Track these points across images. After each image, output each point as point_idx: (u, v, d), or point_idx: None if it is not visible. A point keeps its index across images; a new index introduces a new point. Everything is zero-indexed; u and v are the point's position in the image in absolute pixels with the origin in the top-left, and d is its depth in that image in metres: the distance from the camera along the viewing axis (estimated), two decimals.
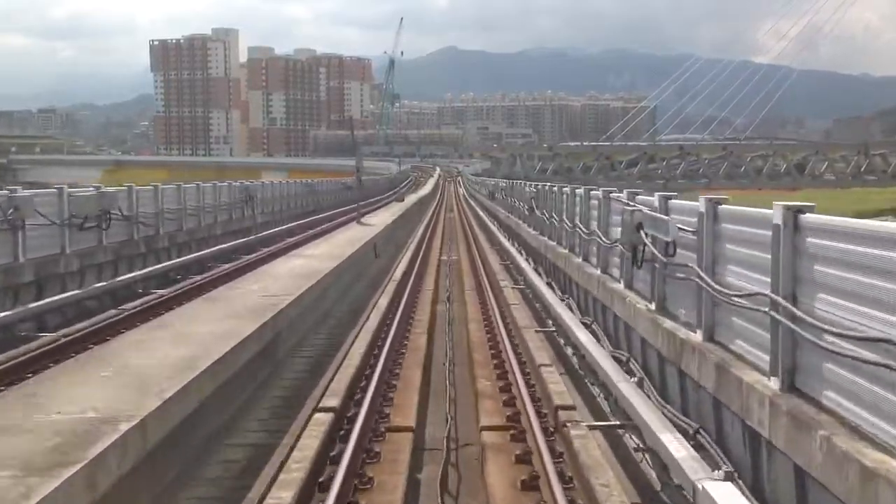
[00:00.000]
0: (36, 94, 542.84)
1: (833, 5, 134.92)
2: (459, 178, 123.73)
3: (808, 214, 5.87)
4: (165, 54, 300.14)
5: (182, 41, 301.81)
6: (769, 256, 6.17)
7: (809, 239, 5.76)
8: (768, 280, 6.19)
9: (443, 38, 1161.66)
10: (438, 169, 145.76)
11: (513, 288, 18.52)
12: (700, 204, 7.79)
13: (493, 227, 34.64)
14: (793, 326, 5.75)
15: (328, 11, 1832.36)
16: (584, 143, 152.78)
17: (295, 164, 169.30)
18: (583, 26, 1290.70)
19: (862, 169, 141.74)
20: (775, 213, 6.04)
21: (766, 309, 6.10)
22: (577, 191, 16.10)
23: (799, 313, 5.68)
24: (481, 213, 48.11)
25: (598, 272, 12.81)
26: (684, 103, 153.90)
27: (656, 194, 9.84)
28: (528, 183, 30.79)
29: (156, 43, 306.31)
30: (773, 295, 6.04)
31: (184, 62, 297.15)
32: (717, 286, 7.29)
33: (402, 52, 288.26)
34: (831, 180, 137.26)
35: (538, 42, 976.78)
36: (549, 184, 22.99)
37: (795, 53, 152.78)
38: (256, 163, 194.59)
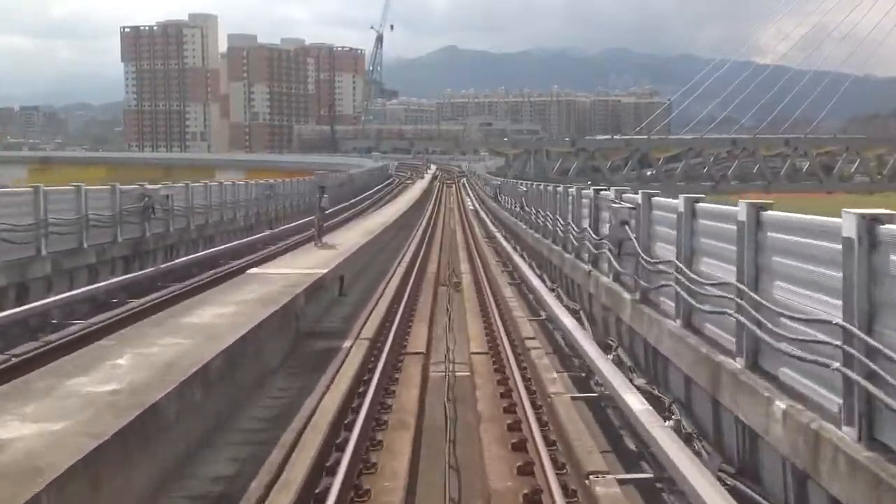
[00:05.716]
0: (35, 94, 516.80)
1: (837, 6, 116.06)
2: (464, 180, 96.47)
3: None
4: (137, 42, 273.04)
5: (155, 28, 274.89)
6: None
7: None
8: None
9: (443, 38, 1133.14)
10: (434, 167, 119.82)
11: None
12: None
13: None
14: None
15: (325, 13, 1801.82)
16: (615, 136, 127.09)
17: (256, 161, 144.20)
18: (583, 27, 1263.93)
19: None
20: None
21: None
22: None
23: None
24: None
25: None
26: (693, 102, 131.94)
27: None
28: None
29: (127, 30, 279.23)
30: None
31: (157, 51, 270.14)
32: None
33: (392, 27, 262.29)
34: None
35: (539, 42, 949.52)
36: None
37: (798, 54, 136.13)
38: (211, 160, 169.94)
